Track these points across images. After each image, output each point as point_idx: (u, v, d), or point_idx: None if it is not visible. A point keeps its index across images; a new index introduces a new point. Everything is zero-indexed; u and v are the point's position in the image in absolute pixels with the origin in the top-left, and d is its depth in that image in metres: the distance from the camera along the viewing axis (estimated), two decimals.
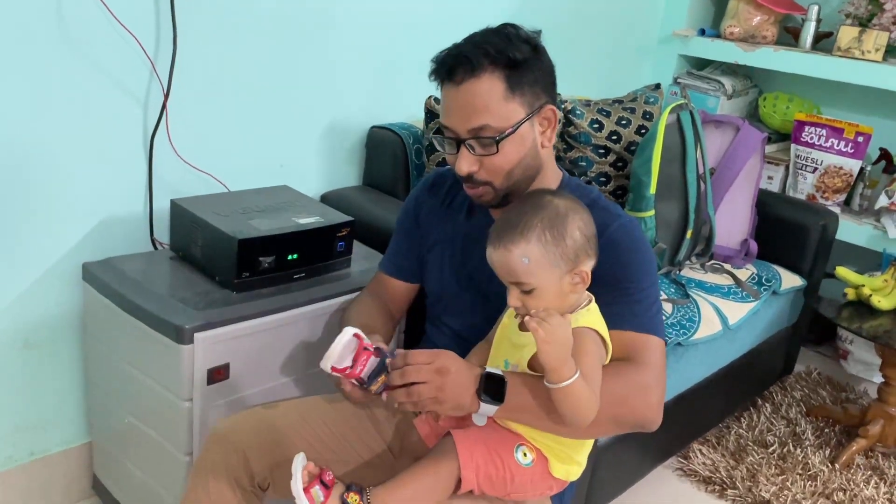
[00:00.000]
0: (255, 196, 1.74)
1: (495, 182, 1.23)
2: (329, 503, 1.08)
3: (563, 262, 1.10)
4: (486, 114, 1.17)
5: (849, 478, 2.20)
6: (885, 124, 2.85)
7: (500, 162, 1.20)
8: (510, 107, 1.18)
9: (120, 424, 1.63)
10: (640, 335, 1.20)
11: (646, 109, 2.41)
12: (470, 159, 1.21)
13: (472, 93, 1.17)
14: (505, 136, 1.18)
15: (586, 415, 1.07)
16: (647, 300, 1.22)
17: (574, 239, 1.11)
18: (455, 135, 1.21)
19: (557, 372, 1.03)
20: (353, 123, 2.17)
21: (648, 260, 1.26)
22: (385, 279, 1.47)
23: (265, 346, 1.52)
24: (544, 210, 1.11)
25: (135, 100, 1.67)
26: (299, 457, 1.12)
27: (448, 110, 1.21)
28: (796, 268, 2.44)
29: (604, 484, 1.85)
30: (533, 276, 1.09)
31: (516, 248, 1.09)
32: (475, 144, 1.20)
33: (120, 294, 1.52)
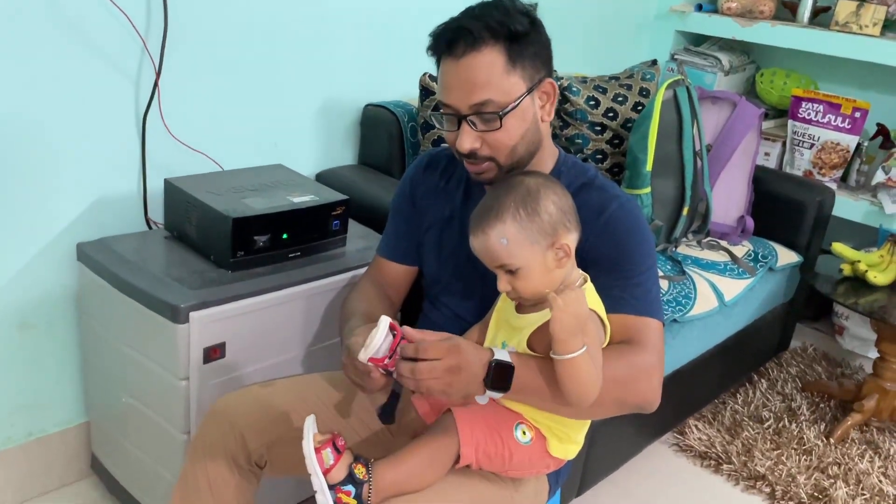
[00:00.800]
0: (250, 175, 1.73)
1: (499, 158, 1.21)
2: (337, 468, 1.08)
3: (542, 237, 1.09)
4: (488, 88, 1.15)
5: (843, 452, 2.21)
6: (883, 99, 2.84)
7: (504, 137, 1.19)
8: (511, 80, 1.17)
9: (117, 404, 1.63)
10: (641, 318, 1.20)
11: (642, 86, 2.40)
12: (472, 136, 1.19)
13: (474, 66, 1.15)
14: (508, 110, 1.17)
15: (590, 392, 1.07)
16: (646, 283, 1.22)
17: (549, 213, 1.10)
18: (455, 111, 1.19)
19: (566, 343, 1.03)
20: (348, 101, 2.15)
21: (648, 241, 1.25)
22: (384, 263, 1.45)
23: (261, 324, 1.52)
24: (515, 189, 1.11)
25: (126, 78, 1.66)
26: (311, 418, 1.11)
27: (448, 86, 1.19)
28: (793, 244, 2.44)
29: (600, 460, 1.86)
30: (514, 256, 1.09)
31: (493, 230, 1.09)
32: (476, 120, 1.18)
33: (114, 274, 1.51)
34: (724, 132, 2.37)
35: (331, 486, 1.06)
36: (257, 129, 1.94)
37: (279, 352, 1.57)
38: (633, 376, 1.16)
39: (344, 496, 1.07)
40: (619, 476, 2.02)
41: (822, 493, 2.04)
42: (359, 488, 1.07)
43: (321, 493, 1.06)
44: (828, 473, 2.12)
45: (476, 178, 1.27)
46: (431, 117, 1.27)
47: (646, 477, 2.07)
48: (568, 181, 1.25)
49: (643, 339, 1.18)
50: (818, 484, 2.07)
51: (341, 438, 1.11)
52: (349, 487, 1.07)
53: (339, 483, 1.07)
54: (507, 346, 1.16)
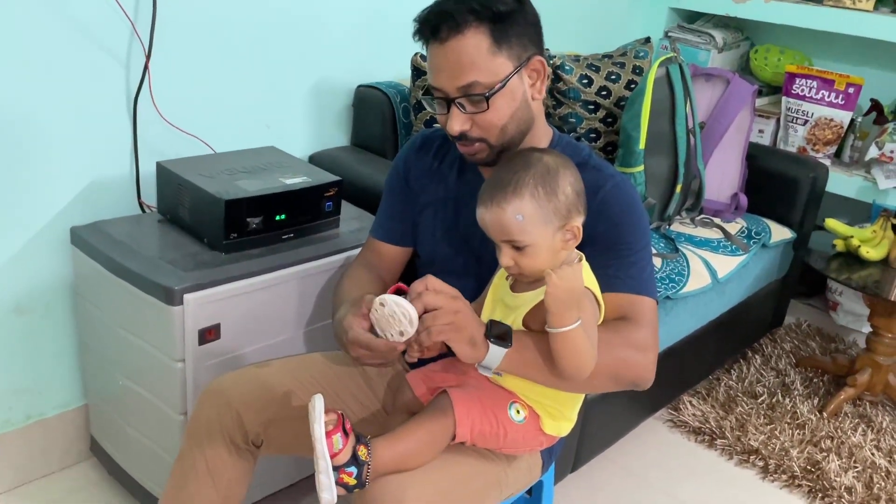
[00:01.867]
0: (242, 157, 1.73)
1: (490, 139, 1.22)
2: (344, 452, 1.08)
3: (556, 217, 1.10)
4: (474, 70, 1.16)
5: (836, 426, 2.24)
6: (876, 75, 2.83)
7: (492, 118, 1.19)
8: (497, 61, 1.17)
9: (114, 386, 1.64)
10: (635, 296, 1.21)
11: (636, 64, 2.39)
12: (461, 118, 1.20)
13: (458, 50, 1.16)
14: (494, 91, 1.17)
15: (585, 365, 1.08)
16: (641, 261, 1.23)
17: (566, 194, 1.11)
18: (444, 94, 1.20)
19: (561, 316, 1.04)
20: (340, 83, 2.15)
21: (642, 220, 1.26)
22: (377, 245, 1.45)
23: (256, 306, 1.53)
24: (535, 167, 1.11)
25: (116, 61, 1.65)
26: (319, 399, 1.08)
27: (435, 70, 1.20)
28: (786, 220, 2.45)
29: (594, 436, 1.88)
30: (526, 233, 1.09)
31: (510, 205, 1.09)
32: (465, 103, 1.19)
33: (108, 257, 1.52)
34: (718, 109, 2.37)
35: (335, 467, 1.07)
36: (249, 111, 1.94)
37: (274, 333, 1.58)
38: (629, 353, 1.17)
39: (346, 477, 1.07)
40: (613, 451, 2.04)
41: (815, 467, 2.06)
42: (360, 469, 1.08)
43: (325, 475, 1.06)
44: (821, 447, 2.14)
45: (469, 159, 1.27)
46: (423, 101, 1.27)
47: (640, 452, 2.09)
48: None
49: (638, 317, 1.20)
50: (811, 457, 2.09)
51: (348, 422, 1.10)
52: (352, 469, 1.07)
53: (343, 465, 1.07)
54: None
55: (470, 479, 1.20)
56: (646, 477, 2.02)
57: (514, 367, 1.14)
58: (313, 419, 1.06)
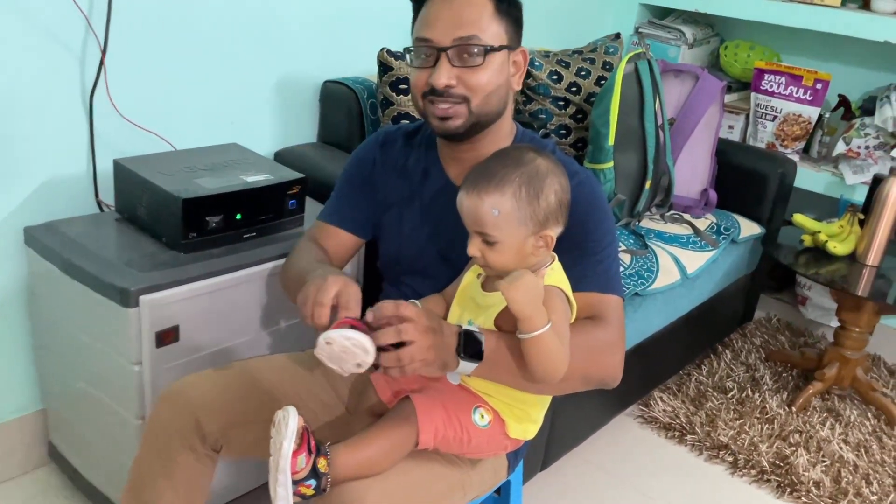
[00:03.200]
0: (203, 154, 1.69)
1: (474, 99, 1.18)
2: (305, 468, 1.05)
3: (532, 222, 1.08)
4: (477, 25, 1.16)
5: (805, 420, 2.25)
6: (844, 70, 2.85)
7: (483, 77, 1.17)
8: (498, 28, 1.19)
9: (72, 390, 1.60)
10: (603, 295, 1.21)
11: (606, 60, 2.38)
12: (450, 71, 1.17)
13: (464, 3, 1.16)
14: (494, 49, 1.17)
15: (557, 368, 1.06)
16: (607, 259, 1.23)
17: (548, 202, 1.09)
18: (435, 45, 1.17)
19: (531, 321, 1.02)
20: (306, 78, 2.11)
21: (608, 218, 1.25)
22: (328, 230, 1.39)
23: (216, 306, 1.49)
24: (525, 166, 1.09)
25: (71, 55, 1.60)
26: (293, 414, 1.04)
27: (432, 19, 1.18)
28: (755, 216, 2.46)
29: (564, 433, 1.87)
30: (499, 229, 1.08)
31: (489, 197, 1.07)
32: (456, 56, 1.17)
33: (63, 258, 1.47)
34: (687, 105, 2.37)
35: (294, 481, 1.04)
36: (212, 106, 1.90)
37: (236, 334, 1.55)
38: (597, 351, 1.16)
39: (304, 489, 1.05)
40: (583, 449, 2.03)
41: (784, 461, 2.07)
42: (319, 480, 1.06)
43: (284, 489, 1.04)
44: (789, 441, 2.15)
45: (440, 125, 1.21)
46: (406, 53, 1.24)
47: (611, 449, 2.09)
48: None
49: (606, 316, 1.19)
50: (780, 452, 2.10)
51: (313, 438, 1.08)
52: (311, 482, 1.05)
53: (302, 479, 1.05)
54: (472, 323, 1.15)
55: (432, 482, 1.18)
56: (616, 473, 2.01)
57: (485, 373, 1.12)
58: (283, 434, 1.03)
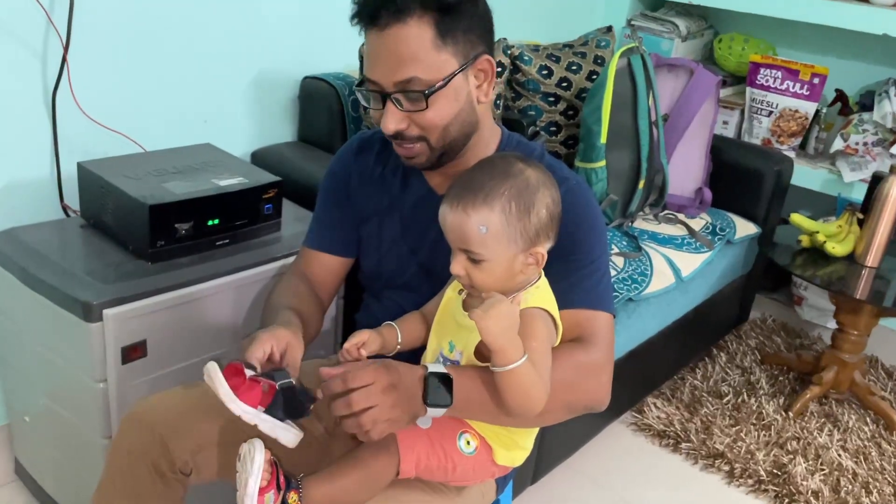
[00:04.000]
0: (173, 156, 1.60)
1: (430, 138, 1.11)
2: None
3: (522, 239, 0.99)
4: (414, 64, 1.05)
5: (802, 426, 2.19)
6: (841, 64, 2.78)
7: (433, 117, 1.08)
8: (441, 57, 1.06)
9: (36, 407, 1.52)
10: (591, 312, 1.12)
11: (597, 54, 2.30)
12: (397, 116, 1.09)
13: (399, 40, 1.04)
14: (435, 89, 1.06)
15: (535, 402, 0.98)
16: (597, 272, 1.14)
17: (539, 217, 1.00)
18: (380, 88, 1.09)
19: (503, 353, 0.93)
20: (284, 74, 2.02)
21: (598, 226, 1.16)
22: (313, 256, 1.32)
23: (186, 319, 1.41)
24: (514, 178, 1.00)
25: (30, 52, 1.51)
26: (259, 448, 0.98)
27: (372, 60, 1.08)
28: (751, 215, 2.38)
29: (555, 445, 1.80)
30: (486, 247, 0.98)
31: (476, 213, 0.97)
32: (402, 99, 1.08)
33: (22, 268, 1.39)
34: (681, 101, 2.29)
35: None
36: (184, 105, 1.81)
37: (208, 348, 1.46)
38: (581, 379, 1.08)
39: None
40: (575, 460, 1.96)
41: (781, 470, 2.00)
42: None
43: None
44: (787, 449, 2.09)
45: (407, 162, 1.16)
46: (357, 92, 1.15)
47: (603, 459, 2.02)
48: None
49: (593, 336, 1.11)
50: (777, 460, 2.04)
51: (283, 473, 1.01)
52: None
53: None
54: (454, 347, 1.07)
55: None
56: (610, 486, 1.94)
57: (458, 413, 1.04)
58: (249, 471, 0.96)
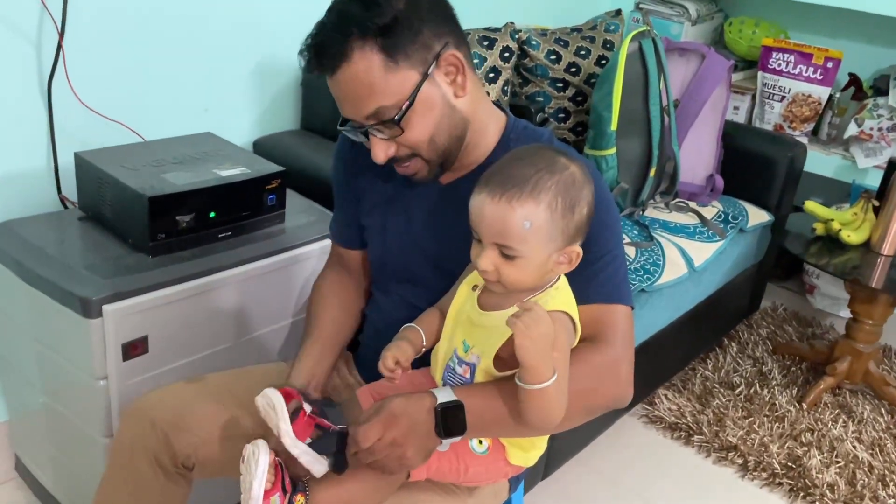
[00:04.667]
0: (173, 146, 1.56)
1: (421, 153, 1.07)
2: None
3: (562, 237, 0.94)
4: (374, 96, 1.01)
5: (816, 417, 2.15)
6: (854, 48, 2.72)
7: (413, 136, 1.05)
8: (398, 77, 1.01)
9: (35, 404, 1.48)
10: (607, 306, 1.07)
11: (606, 38, 2.25)
12: (383, 145, 1.06)
13: (350, 78, 1.00)
14: (403, 112, 1.02)
15: (556, 416, 0.94)
16: (612, 264, 1.08)
17: (582, 215, 0.95)
18: (357, 123, 1.06)
19: (536, 371, 0.89)
20: (286, 60, 1.97)
21: (611, 215, 1.10)
22: (341, 250, 1.32)
23: (188, 315, 1.37)
24: (561, 174, 0.94)
25: (24, 39, 1.46)
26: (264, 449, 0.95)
27: (339, 101, 1.05)
28: (763, 202, 2.33)
29: (566, 440, 1.76)
30: (526, 243, 0.93)
31: (522, 207, 0.91)
32: (381, 128, 1.04)
33: (18, 262, 1.35)
34: (693, 86, 2.23)
35: None
36: (184, 93, 1.76)
37: (211, 343, 1.42)
38: (599, 381, 1.04)
39: None
40: (586, 454, 1.92)
41: (796, 463, 1.97)
42: None
43: None
44: (801, 441, 2.05)
45: (413, 179, 1.12)
46: (342, 132, 1.11)
47: (614, 454, 1.98)
48: None
49: (610, 332, 1.06)
50: (791, 453, 2.00)
51: (288, 475, 0.97)
52: None
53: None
54: (468, 347, 1.02)
55: None
56: (621, 481, 1.91)
57: (474, 433, 1.01)
58: (253, 473, 0.93)
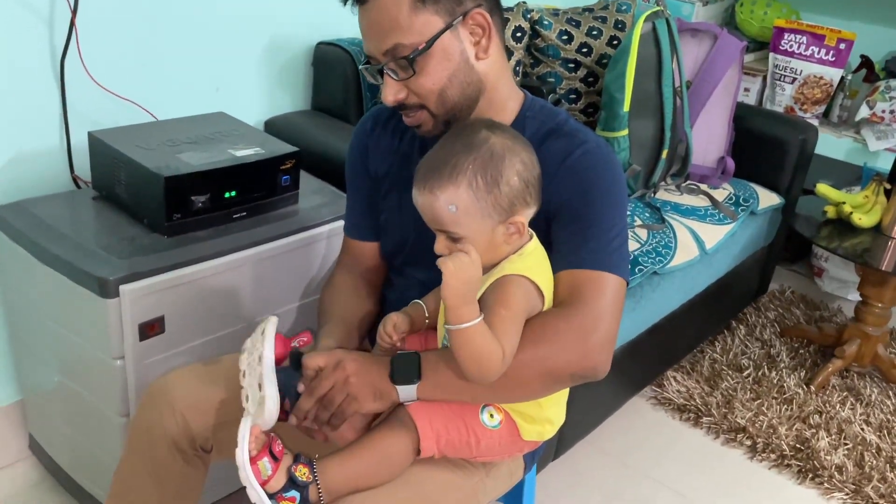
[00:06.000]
0: (187, 125, 1.55)
1: (429, 105, 1.07)
2: (276, 478, 0.96)
3: (496, 212, 0.96)
4: (395, 31, 1.01)
5: (825, 400, 2.15)
6: (867, 29, 2.70)
7: (425, 83, 1.04)
8: (422, 18, 1.01)
9: (50, 383, 1.48)
10: (591, 272, 1.04)
11: (618, 18, 2.23)
12: (394, 86, 1.05)
13: (378, 9, 1.01)
14: (418, 52, 1.02)
15: (489, 369, 0.95)
16: (606, 235, 1.06)
17: (511, 186, 0.96)
18: (375, 61, 1.06)
19: (457, 311, 0.92)
20: (298, 39, 1.95)
21: (614, 190, 1.09)
22: (354, 244, 1.31)
23: (205, 294, 1.37)
24: (478, 150, 0.96)
25: (37, 17, 1.45)
26: (246, 420, 1.00)
27: (363, 35, 1.06)
28: (774, 185, 2.33)
29: (577, 420, 1.76)
30: (460, 225, 0.96)
31: (443, 193, 0.95)
32: (395, 68, 1.04)
33: (34, 242, 1.34)
34: (705, 67, 2.22)
35: (271, 495, 0.95)
36: (196, 72, 1.75)
37: (227, 324, 1.43)
38: (560, 346, 1.00)
39: (288, 503, 0.95)
40: (596, 435, 1.93)
41: (804, 445, 1.98)
42: (303, 492, 0.96)
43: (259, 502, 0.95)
44: (809, 423, 2.06)
45: (418, 132, 1.13)
46: (362, 70, 1.12)
47: (625, 435, 1.99)
48: (534, 128, 1.11)
49: (585, 296, 1.02)
50: (800, 435, 2.01)
51: (278, 442, 0.99)
52: (292, 493, 0.96)
53: (280, 490, 0.96)
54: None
55: (444, 494, 1.08)
56: (631, 461, 1.92)
57: (432, 392, 1.03)
58: (240, 445, 0.95)
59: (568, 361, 1.01)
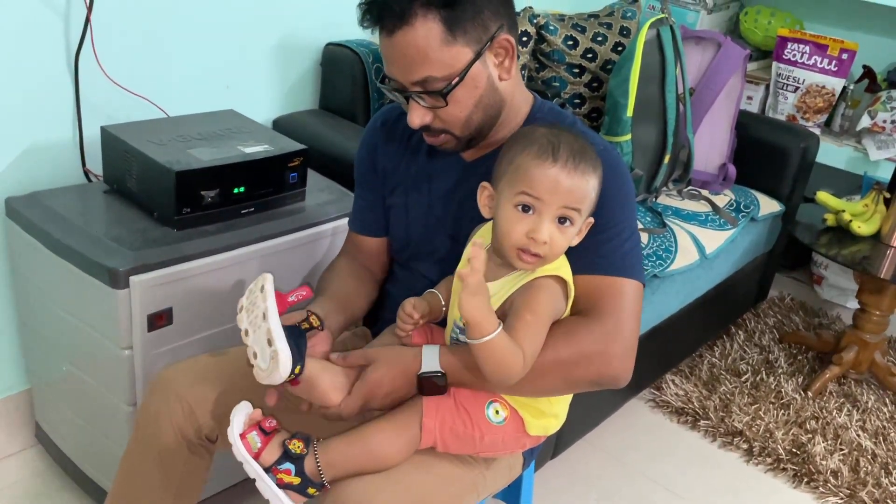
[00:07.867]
0: (197, 122, 1.58)
1: (454, 130, 1.10)
2: (268, 450, 1.00)
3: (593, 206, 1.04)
4: (427, 64, 1.03)
5: (821, 405, 2.18)
6: (869, 39, 2.72)
7: (454, 111, 1.07)
8: (453, 51, 1.03)
9: (58, 372, 1.51)
10: (610, 279, 1.07)
11: (623, 24, 2.26)
12: (420, 112, 1.07)
13: (407, 43, 1.02)
14: (452, 86, 1.04)
15: (512, 373, 0.98)
16: (618, 238, 1.09)
17: None
18: (400, 86, 1.08)
19: (479, 326, 0.93)
20: (307, 40, 1.98)
21: (624, 192, 1.12)
22: (357, 238, 1.34)
23: (212, 288, 1.39)
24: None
25: (54, 12, 1.48)
26: (242, 404, 1.05)
27: (387, 60, 1.07)
28: (775, 192, 2.35)
29: (576, 420, 1.78)
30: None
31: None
32: (424, 97, 1.06)
33: (46, 232, 1.37)
34: (708, 75, 2.25)
35: (266, 468, 0.98)
36: (207, 70, 1.78)
37: (232, 317, 1.43)
38: (582, 355, 1.04)
39: (285, 476, 0.99)
40: (594, 435, 1.96)
41: (800, 449, 2.00)
42: (299, 464, 0.99)
43: (259, 480, 0.99)
44: (805, 428, 2.08)
45: (438, 148, 1.16)
46: (382, 88, 1.14)
47: (623, 435, 2.01)
48: None
49: (606, 304, 1.06)
50: (796, 439, 2.03)
51: (271, 420, 1.03)
52: (287, 465, 0.99)
53: (274, 464, 0.99)
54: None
55: (445, 484, 1.10)
56: (628, 461, 1.94)
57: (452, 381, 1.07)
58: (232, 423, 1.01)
59: (589, 370, 1.05)
